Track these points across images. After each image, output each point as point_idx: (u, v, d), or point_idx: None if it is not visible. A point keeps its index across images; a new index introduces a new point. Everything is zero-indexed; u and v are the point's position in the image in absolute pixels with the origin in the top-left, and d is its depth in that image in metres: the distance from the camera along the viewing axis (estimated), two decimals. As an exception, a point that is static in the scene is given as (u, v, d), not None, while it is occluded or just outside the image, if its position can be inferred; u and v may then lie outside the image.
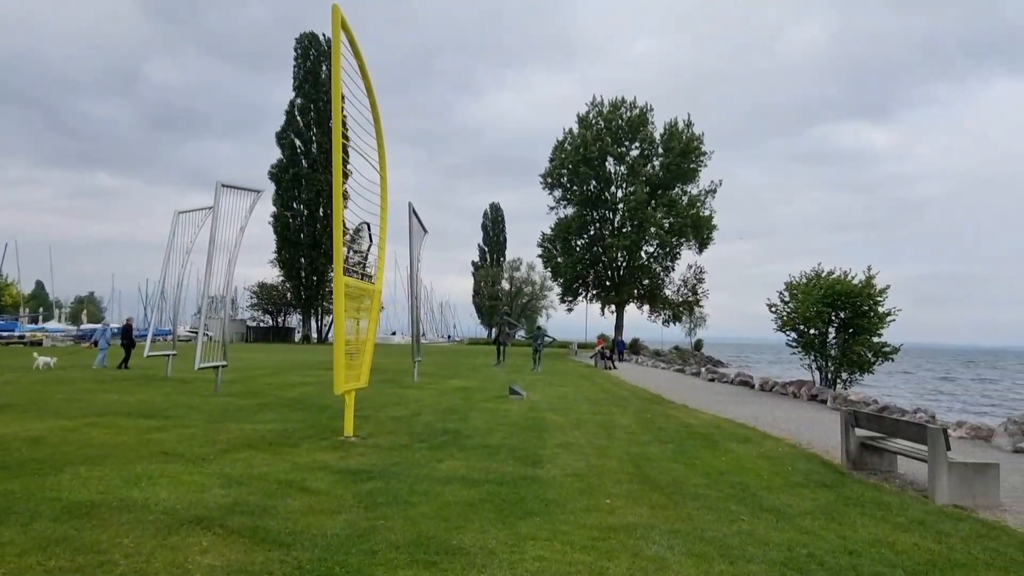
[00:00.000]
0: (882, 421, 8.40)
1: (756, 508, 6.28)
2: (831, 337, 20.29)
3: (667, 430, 11.53)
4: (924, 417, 13.50)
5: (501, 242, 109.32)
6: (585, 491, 6.70)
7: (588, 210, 58.45)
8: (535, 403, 15.35)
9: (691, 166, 55.76)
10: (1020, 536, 5.70)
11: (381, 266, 11.40)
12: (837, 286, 19.46)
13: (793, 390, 20.22)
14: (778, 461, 8.91)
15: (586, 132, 55.97)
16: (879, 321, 19.59)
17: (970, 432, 12.14)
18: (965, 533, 5.67)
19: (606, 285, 59.14)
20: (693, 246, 56.46)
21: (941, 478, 7.01)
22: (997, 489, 7.10)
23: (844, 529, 5.67)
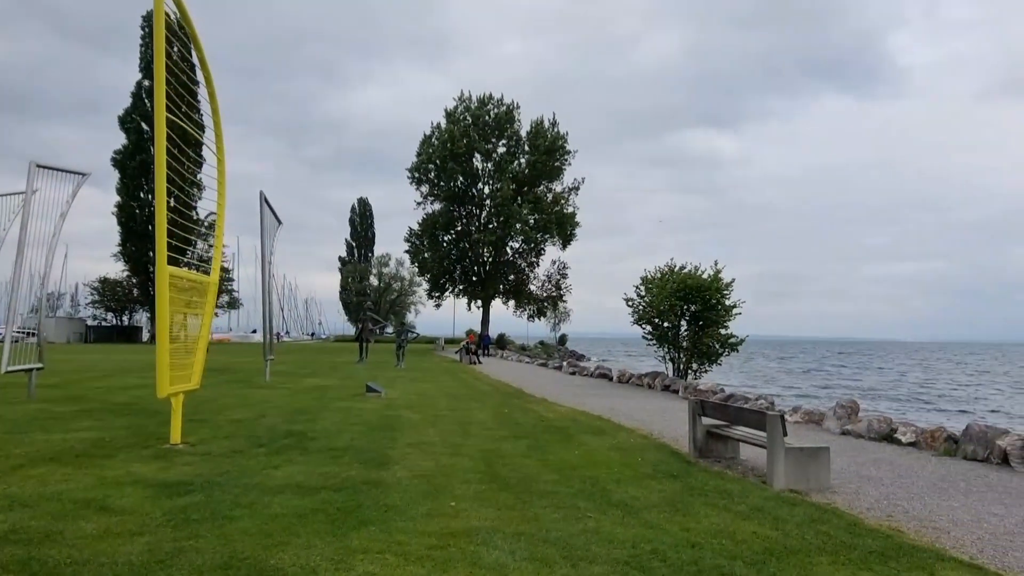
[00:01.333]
0: (726, 410, 8.60)
1: (604, 503, 6.14)
2: (683, 330, 21.13)
3: (524, 425, 11.38)
4: (764, 404, 14.24)
5: (369, 238, 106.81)
6: (430, 494, 6.31)
7: (455, 206, 58.19)
8: (392, 400, 14.80)
9: (556, 164, 56.80)
10: (849, 518, 5.90)
11: (217, 256, 10.44)
12: (688, 280, 20.28)
13: (648, 381, 20.88)
14: (629, 452, 8.93)
15: (453, 127, 55.57)
16: (726, 314, 20.60)
17: (804, 417, 12.88)
18: (800, 518, 5.79)
19: (473, 280, 59.16)
20: (557, 242, 57.59)
21: (779, 463, 7.21)
22: (828, 472, 7.41)
23: (688, 521, 5.62)
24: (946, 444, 9.81)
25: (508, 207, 54.23)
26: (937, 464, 8.97)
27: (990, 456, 9.03)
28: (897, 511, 6.37)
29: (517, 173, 56.51)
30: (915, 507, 6.53)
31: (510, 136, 57.17)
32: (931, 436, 10.08)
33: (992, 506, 6.65)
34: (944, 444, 9.84)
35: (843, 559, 4.75)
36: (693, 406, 9.04)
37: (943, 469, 8.58)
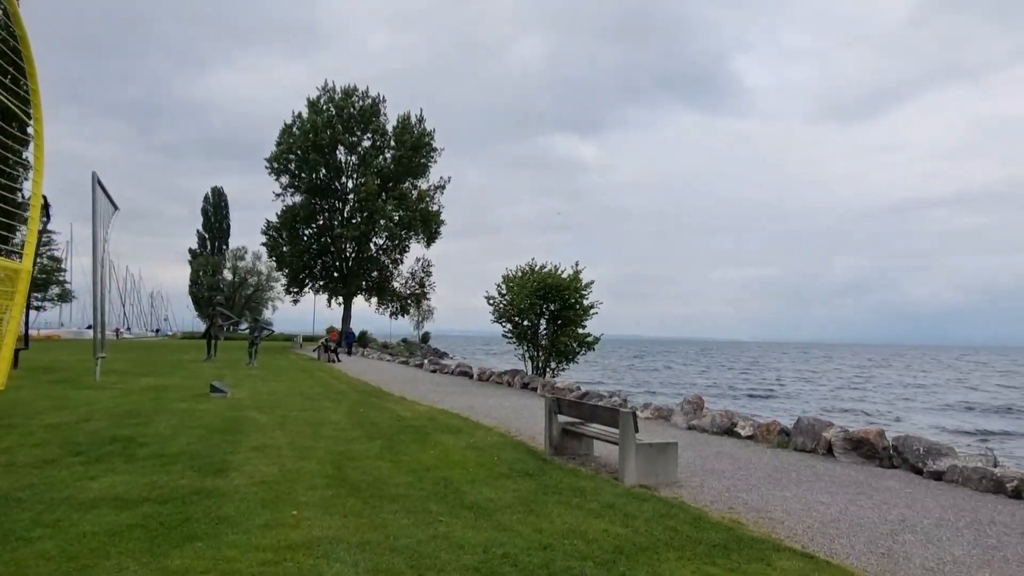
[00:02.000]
0: (581, 407, 8.68)
1: (457, 506, 5.95)
2: (542, 328, 21.43)
3: (380, 424, 10.99)
4: (618, 401, 14.66)
5: (224, 229, 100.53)
6: (271, 502, 5.84)
7: (317, 199, 56.19)
8: (239, 401, 13.87)
9: (422, 161, 56.17)
10: (694, 512, 6.06)
11: (31, 240, 9.24)
12: (548, 279, 20.58)
13: (508, 379, 21.00)
14: (486, 452, 8.81)
15: (316, 118, 53.54)
16: (584, 313, 21.11)
17: (654, 413, 13.37)
18: (649, 514, 5.87)
19: (334, 276, 57.37)
20: (422, 240, 57.00)
21: (630, 460, 7.33)
22: (676, 467, 7.63)
23: (541, 521, 5.54)
24: (779, 437, 10.48)
25: (372, 202, 52.99)
26: (772, 456, 9.53)
27: (817, 447, 9.72)
28: (738, 503, 6.64)
29: (382, 168, 55.36)
30: (753, 498, 6.84)
31: (376, 130, 55.89)
32: (766, 429, 10.73)
33: (820, 495, 7.09)
34: (778, 437, 10.49)
35: (689, 554, 4.83)
36: (549, 404, 9.06)
37: (777, 461, 9.12)
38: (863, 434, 9.29)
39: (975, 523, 6.08)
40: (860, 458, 9.15)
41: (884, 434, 9.28)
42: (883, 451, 9.05)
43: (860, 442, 9.21)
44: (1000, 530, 5.87)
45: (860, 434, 9.30)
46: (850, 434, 9.38)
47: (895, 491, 7.39)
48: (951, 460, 8.25)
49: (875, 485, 7.70)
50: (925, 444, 8.69)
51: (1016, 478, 7.41)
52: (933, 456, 8.45)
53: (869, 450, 9.12)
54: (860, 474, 8.36)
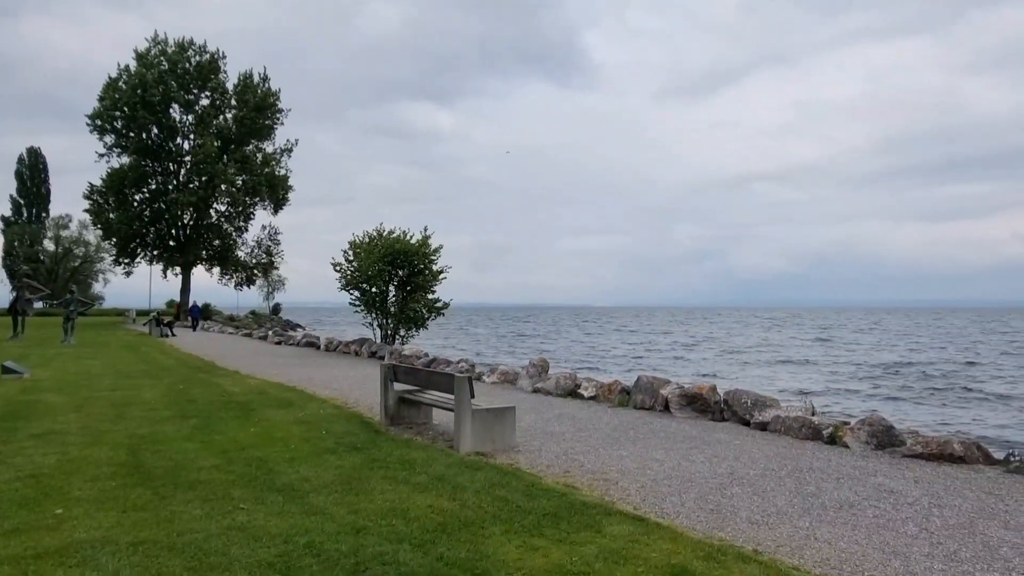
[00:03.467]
0: (417, 374, 8.19)
1: (266, 489, 5.28)
2: (391, 295, 20.69)
3: (200, 402, 9.94)
4: (465, 367, 14.34)
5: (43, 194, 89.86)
6: (32, 500, 4.89)
7: (148, 160, 51.34)
8: (38, 382, 12.19)
9: (266, 122, 52.72)
10: (528, 479, 5.75)
11: None
12: (397, 245, 19.82)
13: (355, 348, 20.15)
14: (315, 425, 8.12)
15: (146, 72, 48.64)
16: (433, 279, 20.57)
17: (500, 377, 13.16)
18: (480, 484, 5.49)
19: (170, 245, 52.96)
20: (268, 206, 53.85)
21: (465, 426, 6.94)
22: (514, 431, 7.34)
23: (360, 501, 5.00)
24: (620, 396, 10.55)
25: (212, 165, 49.09)
26: (612, 415, 9.53)
27: (655, 404, 9.85)
28: (574, 466, 6.43)
29: (222, 128, 51.41)
30: (590, 460, 6.67)
31: (215, 88, 51.62)
32: (608, 389, 10.78)
33: (655, 452, 7.06)
34: (619, 396, 10.56)
35: (517, 526, 4.48)
36: (385, 371, 8.50)
37: (617, 420, 9.11)
38: (697, 390, 9.49)
39: (796, 471, 6.23)
40: (694, 413, 9.34)
41: (716, 389, 9.53)
42: (715, 405, 9.28)
43: (694, 397, 9.40)
44: (818, 476, 6.03)
45: (694, 390, 9.50)
46: (685, 390, 9.55)
47: (725, 443, 7.52)
48: (775, 411, 8.56)
49: (707, 439, 7.81)
50: (752, 397, 8.98)
51: (831, 424, 7.77)
52: (759, 408, 8.74)
53: (702, 405, 9.33)
54: (694, 428, 8.50)
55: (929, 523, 4.75)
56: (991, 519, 4.85)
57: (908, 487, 5.68)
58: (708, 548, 4.15)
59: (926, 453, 6.73)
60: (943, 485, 5.76)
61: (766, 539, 4.42)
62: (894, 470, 6.29)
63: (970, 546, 4.31)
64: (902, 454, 6.87)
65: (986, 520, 4.82)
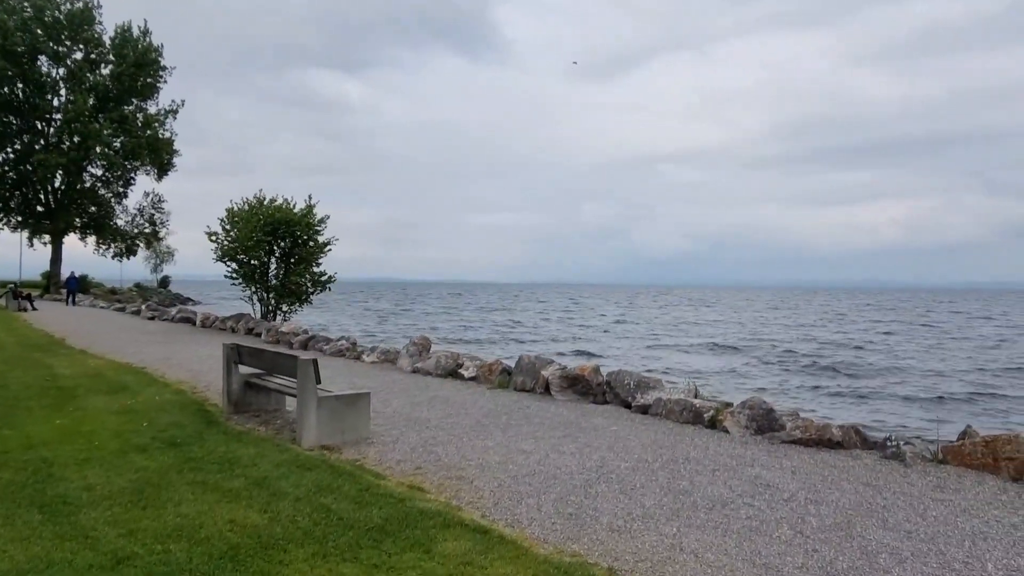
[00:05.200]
0: (262, 355, 7.20)
1: (28, 503, 4.25)
2: (272, 268, 19.28)
3: (12, 387, 8.58)
4: (346, 345, 13.35)
5: None
6: None
7: (12, 118, 46.61)
8: None
9: (148, 80, 48.82)
10: (366, 481, 4.93)
11: None
12: (278, 214, 18.40)
13: (232, 324, 18.68)
14: (140, 415, 7.01)
15: (7, 18, 43.91)
16: (319, 250, 19.31)
17: (381, 357, 12.26)
18: (305, 489, 4.64)
19: (38, 211, 48.53)
20: (151, 172, 50.11)
21: (309, 416, 6.06)
22: (368, 421, 6.51)
23: (146, 516, 4.06)
24: (501, 377, 9.88)
25: (85, 125, 44.98)
26: (490, 398, 8.84)
27: (536, 386, 9.23)
28: (429, 460, 5.68)
29: (98, 85, 47.20)
30: (449, 453, 5.93)
31: (89, 40, 47.27)
32: (489, 370, 10.09)
33: (524, 441, 6.40)
34: (499, 377, 9.89)
35: (330, 547, 3.67)
36: (228, 352, 7.48)
37: (493, 403, 8.42)
38: (579, 371, 8.92)
39: (671, 462, 5.70)
40: (576, 395, 8.78)
41: (599, 370, 9.00)
42: (597, 387, 8.75)
43: (576, 379, 8.83)
44: (693, 468, 5.52)
45: (576, 371, 8.93)
46: (567, 372, 8.98)
47: (601, 430, 6.96)
48: (658, 393, 8.10)
49: (583, 425, 7.23)
50: (635, 378, 8.50)
51: (712, 407, 7.35)
52: (642, 390, 8.26)
53: (584, 387, 8.78)
54: (573, 413, 7.92)
55: (805, 524, 4.27)
56: (869, 516, 4.43)
57: (785, 480, 5.24)
58: (555, 568, 3.48)
59: (805, 439, 6.37)
60: (820, 476, 5.35)
61: (626, 552, 3.80)
62: (772, 459, 5.86)
63: (847, 553, 3.83)
64: (781, 440, 6.49)
65: (864, 518, 4.39)
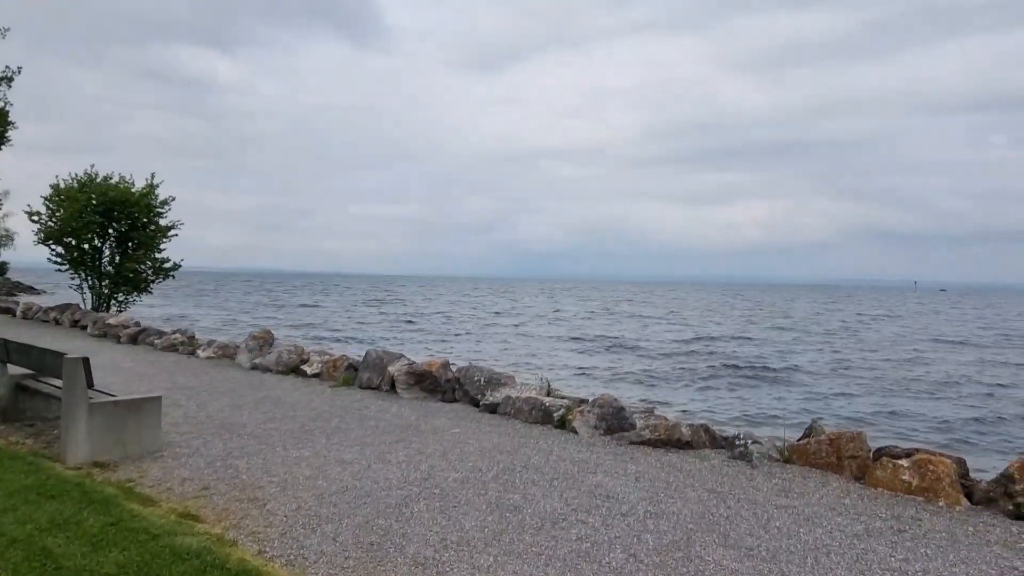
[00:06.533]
0: (30, 352, 5.97)
1: None
2: (107, 253, 17.27)
3: None
4: (180, 338, 11.96)
5: None
6: None
7: None
8: None
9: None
10: (122, 511, 3.92)
11: None
12: (112, 193, 16.46)
13: (55, 316, 16.57)
14: None
15: None
16: (161, 235, 17.50)
17: (218, 351, 11.03)
18: (34, 527, 3.64)
19: None
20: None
21: (77, 427, 4.99)
22: (157, 430, 5.48)
23: None
24: (346, 373, 9.00)
25: None
26: (329, 397, 7.97)
27: (381, 383, 8.44)
28: (224, 477, 4.77)
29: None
30: (252, 467, 5.05)
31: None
32: (333, 366, 9.18)
33: (348, 450, 5.61)
34: (345, 373, 9.01)
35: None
36: (-8, 350, 6.18)
37: (328, 403, 7.56)
38: (427, 367, 8.21)
39: (507, 471, 5.09)
40: (422, 393, 8.07)
41: (448, 366, 8.33)
42: (446, 384, 8.08)
43: (423, 375, 8.12)
44: (530, 478, 4.93)
45: (424, 367, 8.21)
46: (414, 367, 8.24)
47: (441, 433, 6.28)
48: (508, 391, 7.52)
49: (423, 427, 6.53)
50: (486, 375, 7.89)
51: (562, 406, 6.84)
52: (492, 387, 7.66)
53: (431, 383, 8.08)
54: (416, 413, 7.20)
55: (640, 545, 3.76)
56: (710, 531, 3.99)
57: (628, 488, 4.75)
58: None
59: (654, 439, 5.97)
60: (665, 483, 4.92)
61: (425, 593, 3.12)
62: (617, 463, 5.39)
63: (682, 580, 3.33)
64: (630, 441, 6.06)
65: (705, 534, 3.94)
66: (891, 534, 4.03)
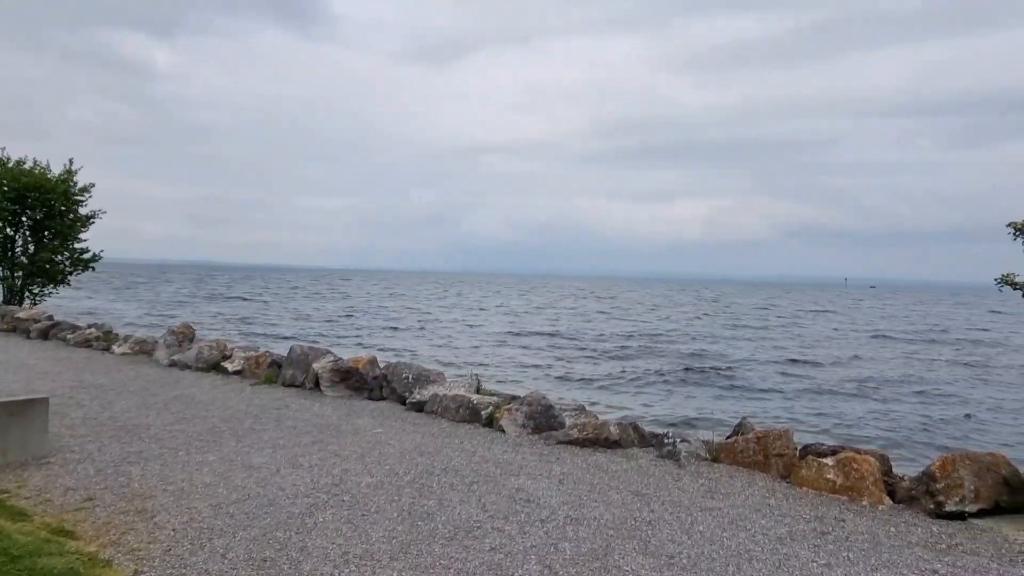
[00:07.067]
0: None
1: None
2: (19, 242, 16.26)
3: None
4: (95, 333, 11.28)
5: None
6: None
7: None
8: None
9: None
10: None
11: None
12: (25, 179, 15.49)
13: (-39, 309, 15.53)
14: None
15: None
16: (80, 224, 16.58)
17: (135, 347, 10.42)
18: None
19: None
20: None
21: (-52, 434, 4.52)
22: (44, 434, 5.03)
23: None
24: (269, 370, 8.57)
25: None
26: (248, 396, 7.57)
27: (305, 381, 8.06)
28: (114, 485, 4.38)
29: None
30: (149, 473, 4.66)
31: None
32: (255, 362, 8.75)
33: (258, 453, 5.25)
34: (268, 370, 8.59)
35: None
36: None
37: (246, 403, 7.16)
38: (353, 363, 7.87)
39: (426, 474, 4.83)
40: (348, 391, 7.73)
41: (375, 362, 8.01)
42: (373, 381, 7.76)
43: (349, 372, 7.78)
44: (449, 482, 4.68)
45: (349, 364, 7.87)
46: (339, 364, 7.88)
47: (362, 433, 5.98)
48: (436, 388, 7.25)
49: (345, 427, 6.22)
50: (415, 371, 7.60)
51: (491, 404, 6.61)
52: (421, 384, 7.38)
53: (357, 381, 7.75)
54: (339, 412, 6.87)
55: (557, 554, 3.55)
56: (631, 537, 3.81)
57: (550, 492, 4.55)
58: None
59: (582, 438, 5.79)
60: (589, 485, 4.73)
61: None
62: (542, 464, 5.19)
63: (596, 593, 3.13)
64: (557, 440, 5.86)
65: (625, 540, 3.76)
66: (814, 537, 3.92)
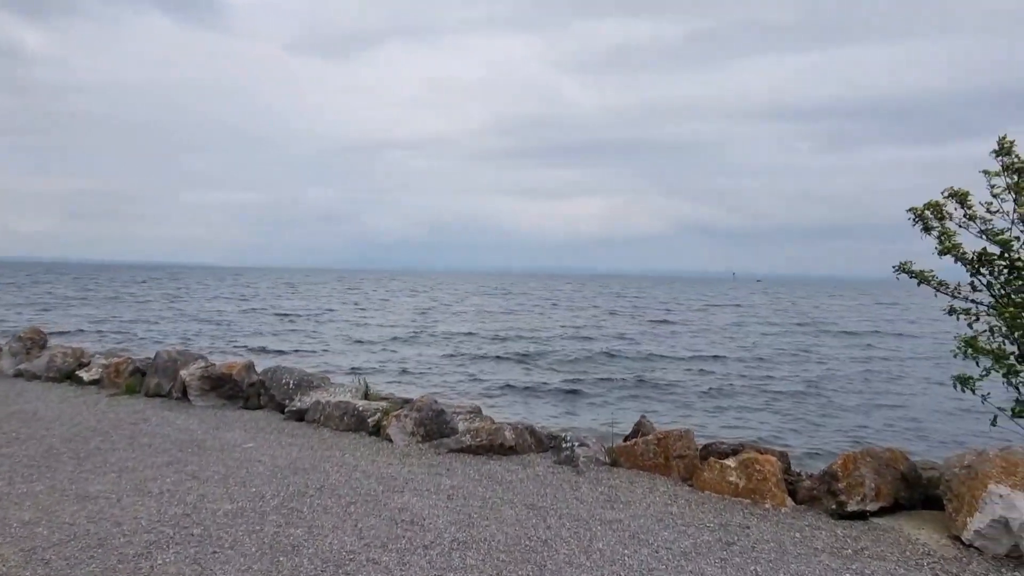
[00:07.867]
0: None
1: None
2: None
3: None
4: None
5: None
6: None
7: None
8: None
9: None
10: None
11: None
12: None
13: None
14: None
15: None
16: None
17: (-25, 355, 9.19)
18: None
19: None
20: None
21: None
22: None
23: None
24: (132, 379, 7.69)
25: None
26: (103, 408, 6.71)
27: (172, 390, 7.26)
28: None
29: None
30: (-48, 511, 3.88)
31: None
32: (115, 370, 7.83)
33: (99, 478, 4.53)
34: (130, 379, 7.70)
35: None
36: None
37: (97, 417, 6.32)
38: (226, 369, 7.14)
39: (296, 496, 4.27)
40: (220, 399, 7.00)
41: (252, 368, 7.31)
42: (249, 388, 7.07)
43: (221, 380, 7.04)
44: (322, 505, 4.14)
45: (222, 370, 7.13)
46: (210, 371, 7.13)
47: (230, 449, 5.32)
48: (319, 394, 6.66)
49: (211, 442, 5.54)
50: (297, 376, 6.97)
51: (378, 410, 6.09)
52: (303, 390, 6.77)
53: (231, 389, 7.03)
54: (207, 424, 6.16)
55: (439, 588, 3.11)
56: (525, 562, 3.42)
57: (437, 511, 4.09)
58: None
59: (475, 445, 5.37)
60: (481, 499, 4.31)
61: None
62: (431, 477, 4.73)
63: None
64: (449, 448, 5.42)
65: (518, 566, 3.36)
66: (720, 548, 3.66)
